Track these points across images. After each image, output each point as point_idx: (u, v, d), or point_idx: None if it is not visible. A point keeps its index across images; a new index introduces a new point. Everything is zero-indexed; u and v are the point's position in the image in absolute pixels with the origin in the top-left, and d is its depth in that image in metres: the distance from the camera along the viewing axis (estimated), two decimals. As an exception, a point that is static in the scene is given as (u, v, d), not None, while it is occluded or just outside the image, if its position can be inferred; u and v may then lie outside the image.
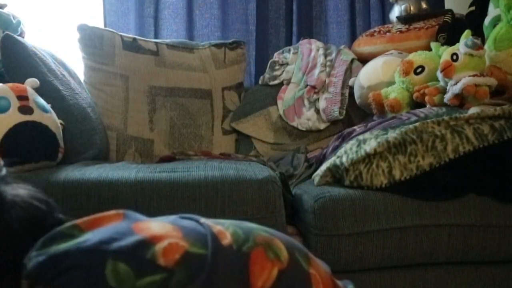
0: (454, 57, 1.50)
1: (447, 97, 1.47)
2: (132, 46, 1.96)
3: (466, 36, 1.52)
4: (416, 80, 1.66)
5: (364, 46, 2.08)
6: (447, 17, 1.92)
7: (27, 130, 1.33)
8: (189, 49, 2.07)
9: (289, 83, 2.08)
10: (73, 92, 1.62)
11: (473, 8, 1.82)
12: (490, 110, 1.26)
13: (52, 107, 1.46)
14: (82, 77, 1.90)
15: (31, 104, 1.38)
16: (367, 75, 1.85)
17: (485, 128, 1.23)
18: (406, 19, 2.08)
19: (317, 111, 1.97)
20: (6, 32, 1.62)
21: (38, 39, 1.92)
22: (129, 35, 2.02)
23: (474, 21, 1.75)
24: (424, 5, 2.17)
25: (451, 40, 1.72)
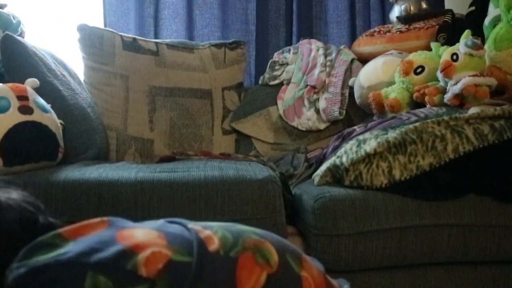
0: (454, 57, 1.50)
1: (447, 97, 1.47)
2: (132, 46, 1.96)
3: (466, 36, 1.52)
4: (416, 80, 1.66)
5: (364, 46, 2.08)
6: (447, 17, 1.92)
7: (27, 130, 1.33)
8: (189, 49, 2.07)
9: (289, 83, 2.08)
10: (73, 92, 1.62)
11: (473, 8, 1.82)
12: (490, 110, 1.26)
13: (52, 107, 1.46)
14: (82, 77, 1.90)
15: (31, 104, 1.38)
16: (367, 75, 1.85)
17: (485, 128, 1.23)
18: (406, 19, 2.08)
19: (317, 111, 1.97)
20: (6, 32, 1.62)
21: (38, 39, 1.92)
22: (129, 35, 2.02)
23: (474, 21, 1.75)
24: (424, 5, 2.17)
25: (451, 40, 1.72)
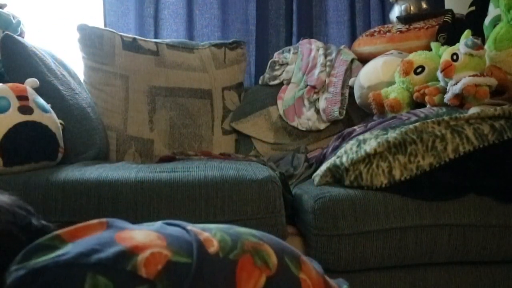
0: (454, 57, 1.50)
1: (447, 97, 1.47)
2: (132, 46, 1.96)
3: (466, 36, 1.52)
4: (416, 80, 1.66)
5: (364, 46, 2.08)
6: (447, 17, 1.92)
7: (27, 130, 1.33)
8: (189, 49, 2.07)
9: (289, 83, 2.08)
10: (73, 92, 1.62)
11: (473, 8, 1.82)
12: (490, 110, 1.26)
13: (52, 107, 1.46)
14: (82, 77, 1.90)
15: (31, 104, 1.38)
16: (367, 75, 1.85)
17: (485, 128, 1.23)
18: (406, 19, 2.08)
19: (317, 111, 1.96)
20: (6, 32, 1.62)
21: (38, 39, 1.92)
22: (129, 35, 2.02)
23: (474, 21, 1.75)
24: (424, 5, 2.17)
25: (451, 40, 1.72)
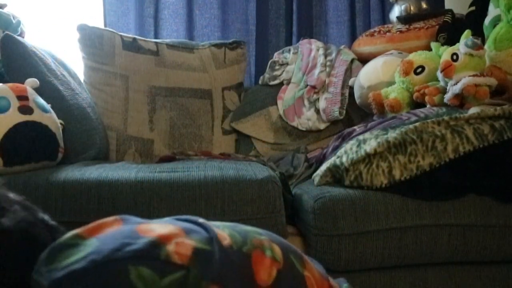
0: (454, 57, 1.50)
1: (447, 97, 1.47)
2: (132, 46, 1.96)
3: (466, 36, 1.52)
4: (416, 80, 1.66)
5: (364, 46, 2.08)
6: (447, 17, 1.92)
7: (27, 130, 1.33)
8: (189, 49, 2.07)
9: (289, 83, 2.08)
10: (73, 92, 1.62)
11: (473, 8, 1.82)
12: (490, 110, 1.26)
13: (52, 107, 1.46)
14: (82, 77, 1.90)
15: (31, 104, 1.38)
16: (367, 75, 1.85)
17: (485, 128, 1.23)
18: (406, 19, 2.08)
19: (317, 111, 1.96)
20: (6, 32, 1.62)
21: (38, 39, 1.92)
22: (129, 35, 2.02)
23: (474, 21, 1.75)
24: (424, 5, 2.17)
25: (451, 40, 1.71)
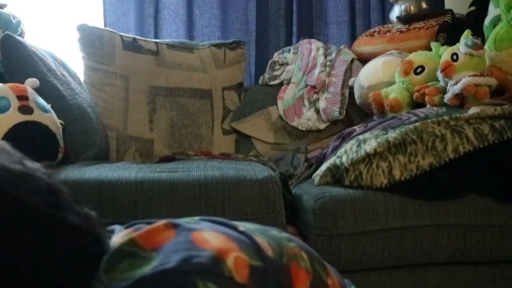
0: (454, 57, 1.50)
1: (447, 97, 1.47)
2: (132, 46, 1.96)
3: (466, 36, 1.52)
4: (416, 80, 1.66)
5: (364, 46, 2.08)
6: (447, 17, 1.92)
7: (27, 130, 1.33)
8: (189, 49, 2.07)
9: (289, 83, 2.08)
10: (73, 92, 1.62)
11: (473, 8, 1.82)
12: (490, 110, 1.26)
13: (52, 107, 1.46)
14: (82, 77, 1.90)
15: (31, 104, 1.38)
16: (367, 75, 1.85)
17: (485, 128, 1.23)
18: (406, 19, 2.08)
19: (317, 111, 1.96)
20: (6, 32, 1.62)
21: (38, 39, 1.92)
22: (129, 35, 2.02)
23: (474, 21, 1.75)
24: (424, 5, 2.17)
25: (451, 40, 1.71)
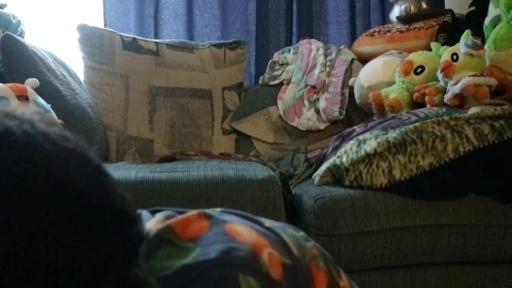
0: (454, 57, 1.50)
1: (447, 97, 1.47)
2: (132, 46, 1.96)
3: (466, 36, 1.52)
4: (416, 80, 1.66)
5: (364, 46, 2.08)
6: (447, 17, 1.92)
7: (27, 130, 1.33)
8: (189, 49, 2.07)
9: (289, 83, 2.08)
10: (73, 92, 1.62)
11: (473, 8, 1.82)
12: (490, 110, 1.26)
13: (52, 107, 1.46)
14: (82, 77, 1.90)
15: (31, 104, 1.38)
16: (367, 75, 1.85)
17: (485, 128, 1.23)
18: (406, 19, 2.08)
19: (317, 111, 1.96)
20: (6, 32, 1.62)
21: (38, 39, 1.92)
22: (129, 35, 2.02)
23: (474, 21, 1.75)
24: (424, 5, 2.17)
25: (451, 40, 1.71)
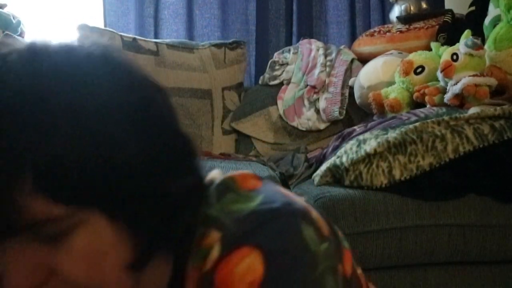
0: (454, 57, 1.50)
1: (447, 97, 1.47)
2: (132, 46, 1.95)
3: (466, 36, 1.52)
4: (416, 80, 1.66)
5: (364, 46, 2.08)
6: (447, 17, 1.92)
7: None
8: (189, 49, 2.07)
9: (289, 83, 2.08)
10: (73, 92, 1.62)
11: (473, 8, 1.82)
12: (490, 110, 1.26)
13: (52, 107, 1.45)
14: (82, 77, 1.90)
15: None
16: (367, 75, 1.85)
17: (485, 128, 1.23)
18: (406, 19, 2.08)
19: (317, 111, 1.96)
20: (6, 32, 1.62)
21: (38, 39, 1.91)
22: (129, 35, 2.02)
23: (474, 21, 1.75)
24: (424, 5, 2.17)
25: (451, 40, 1.71)
